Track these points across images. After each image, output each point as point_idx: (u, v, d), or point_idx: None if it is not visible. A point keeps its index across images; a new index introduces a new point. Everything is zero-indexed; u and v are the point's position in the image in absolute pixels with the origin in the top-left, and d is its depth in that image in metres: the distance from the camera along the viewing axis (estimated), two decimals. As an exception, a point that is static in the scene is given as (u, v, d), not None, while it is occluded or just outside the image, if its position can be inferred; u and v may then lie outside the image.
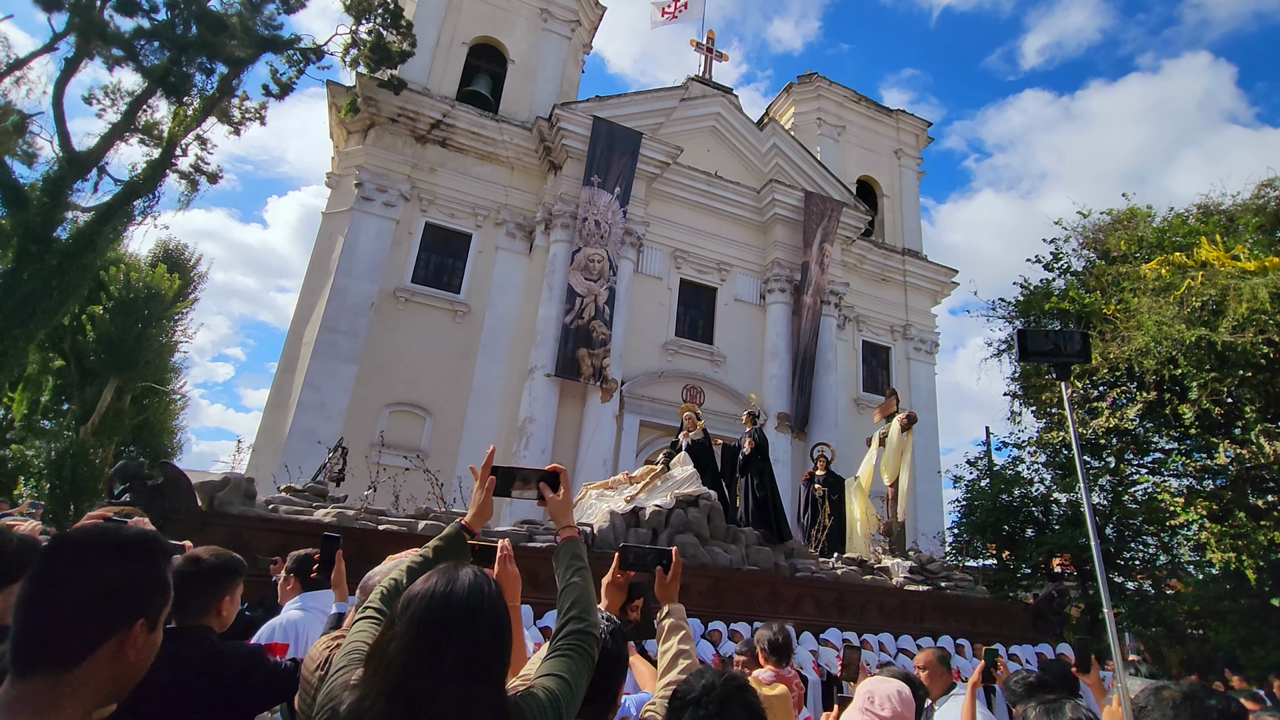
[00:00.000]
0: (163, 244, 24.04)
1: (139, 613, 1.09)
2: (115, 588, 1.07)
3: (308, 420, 13.96)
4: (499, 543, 2.17)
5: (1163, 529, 13.82)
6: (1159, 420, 13.31)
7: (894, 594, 8.88)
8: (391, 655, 1.09)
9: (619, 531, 7.82)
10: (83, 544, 1.09)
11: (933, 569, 9.79)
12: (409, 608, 1.13)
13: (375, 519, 7.12)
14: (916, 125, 24.56)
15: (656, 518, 8.06)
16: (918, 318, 21.97)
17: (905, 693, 2.36)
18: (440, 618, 1.10)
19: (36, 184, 13.44)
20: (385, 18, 15.63)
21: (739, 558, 8.27)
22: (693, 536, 8.03)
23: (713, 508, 8.51)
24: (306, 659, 1.98)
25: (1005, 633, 9.03)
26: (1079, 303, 14.34)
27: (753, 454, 10.26)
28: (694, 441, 9.94)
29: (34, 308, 12.66)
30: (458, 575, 1.19)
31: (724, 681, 1.57)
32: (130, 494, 5.78)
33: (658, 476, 8.83)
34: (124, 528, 1.19)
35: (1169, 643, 15.82)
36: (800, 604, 8.06)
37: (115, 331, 20.06)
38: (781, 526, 9.72)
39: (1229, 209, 14.03)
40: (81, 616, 1.03)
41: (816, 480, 11.47)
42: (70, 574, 1.05)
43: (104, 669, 1.05)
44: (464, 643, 1.10)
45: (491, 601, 1.18)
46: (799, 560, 9.06)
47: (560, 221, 16.81)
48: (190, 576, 2.19)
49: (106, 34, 13.63)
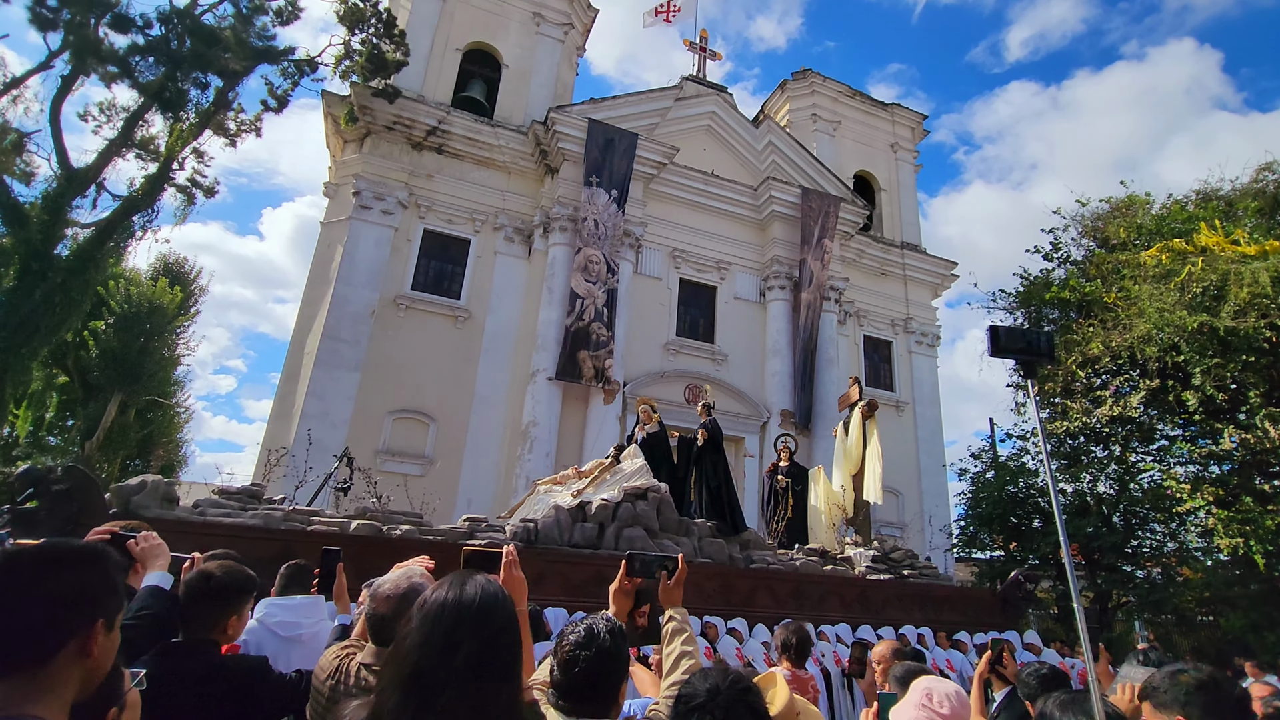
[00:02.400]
0: (163, 258, 24.12)
1: (96, 614, 1.19)
2: (71, 593, 1.17)
3: (313, 430, 13.96)
4: (504, 548, 2.18)
5: (1170, 516, 13.80)
6: (1163, 407, 13.29)
7: (854, 584, 8.67)
8: (406, 650, 1.14)
9: (563, 526, 7.61)
10: (37, 556, 1.20)
11: (896, 558, 9.60)
12: (423, 608, 1.19)
13: (305, 519, 6.94)
14: (912, 118, 24.53)
15: (603, 511, 7.86)
16: (919, 311, 21.94)
17: (962, 693, 2.36)
18: (453, 617, 1.15)
19: (36, 202, 13.49)
20: (378, 27, 15.66)
21: (690, 550, 8.03)
22: (641, 530, 7.83)
23: (662, 500, 8.28)
24: (317, 669, 1.99)
25: (971, 619, 8.87)
26: (1079, 291, 14.33)
27: (706, 445, 9.94)
28: (650, 435, 9.79)
29: (37, 324, 12.71)
30: (470, 580, 1.24)
31: (729, 685, 1.56)
32: (36, 499, 5.57)
33: (607, 470, 8.65)
34: (71, 541, 1.32)
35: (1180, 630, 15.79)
36: (754, 596, 7.85)
37: (118, 346, 20.12)
38: (736, 518, 9.48)
39: (1228, 194, 14.01)
40: (44, 619, 1.13)
41: (780, 472, 11.20)
42: (29, 582, 1.15)
43: (71, 665, 1.15)
44: (476, 642, 1.14)
45: (502, 604, 1.24)
46: (755, 552, 8.86)
47: (558, 224, 16.82)
48: (199, 593, 2.19)
49: (101, 51, 13.68)
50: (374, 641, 1.93)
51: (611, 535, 7.72)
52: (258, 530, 6.34)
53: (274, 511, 6.90)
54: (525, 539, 7.36)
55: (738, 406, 17.73)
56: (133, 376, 20.35)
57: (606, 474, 8.59)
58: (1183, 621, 15.25)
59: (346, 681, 1.86)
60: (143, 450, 22.95)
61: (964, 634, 8.18)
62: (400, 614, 1.90)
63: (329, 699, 1.86)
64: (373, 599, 1.96)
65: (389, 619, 1.90)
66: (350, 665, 1.90)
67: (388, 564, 2.31)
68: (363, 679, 1.85)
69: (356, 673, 1.87)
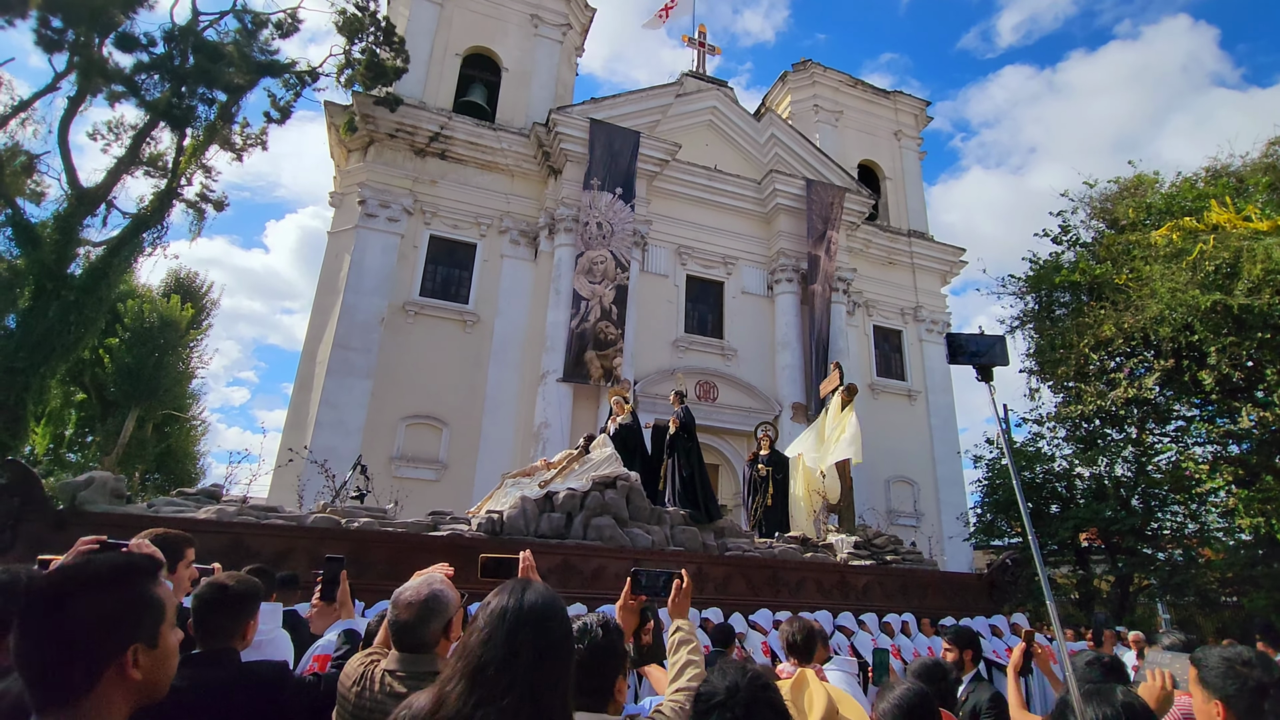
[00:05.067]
0: (173, 273, 24.37)
1: (129, 639, 1.13)
2: (95, 621, 1.11)
3: (326, 438, 14.08)
4: (521, 554, 2.21)
5: (1190, 497, 13.67)
6: (1179, 388, 13.17)
7: (833, 570, 8.49)
8: (472, 647, 1.23)
9: (529, 517, 7.46)
10: (58, 585, 1.13)
11: (879, 544, 9.40)
12: (489, 607, 1.29)
13: (261, 514, 6.80)
14: (915, 105, 24.38)
15: (570, 501, 7.71)
16: (928, 299, 21.81)
17: None
18: (514, 621, 1.25)
19: (47, 222, 13.67)
20: (377, 35, 15.74)
21: (662, 539, 7.92)
22: (610, 519, 7.69)
23: (632, 489, 8.11)
24: (342, 676, 2.02)
25: (958, 605, 8.71)
26: (1090, 274, 14.21)
27: (678, 433, 9.82)
28: (622, 425, 9.71)
29: (53, 343, 12.88)
30: (530, 587, 1.33)
31: (748, 682, 1.55)
32: None
33: (575, 460, 8.50)
34: (96, 559, 1.22)
35: (1203, 611, 15.66)
36: (729, 583, 7.71)
37: (133, 362, 20.35)
38: (710, 505, 9.36)
39: (1238, 170, 13.82)
40: (68, 656, 1.07)
41: (760, 460, 11.05)
42: (49, 617, 1.09)
43: (115, 691, 1.10)
44: (535, 648, 1.23)
45: (560, 614, 1.33)
46: (731, 540, 8.70)
47: (563, 225, 16.85)
48: (216, 605, 2.23)
49: (107, 71, 13.83)
50: (397, 648, 1.96)
51: (579, 525, 7.57)
52: (210, 524, 6.18)
53: (228, 507, 6.74)
54: (490, 531, 7.19)
55: (749, 401, 17.70)
56: (149, 391, 20.59)
57: (575, 464, 8.42)
58: (1206, 603, 15.11)
59: (372, 688, 1.89)
60: (161, 464, 23.22)
61: (949, 619, 7.96)
62: (423, 620, 1.93)
63: (355, 705, 1.89)
64: (394, 606, 1.99)
65: (412, 624, 1.93)
66: (375, 672, 1.93)
67: (353, 559, 2.31)
68: (388, 685, 1.87)
69: (381, 679, 1.90)
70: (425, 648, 1.95)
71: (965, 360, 2.53)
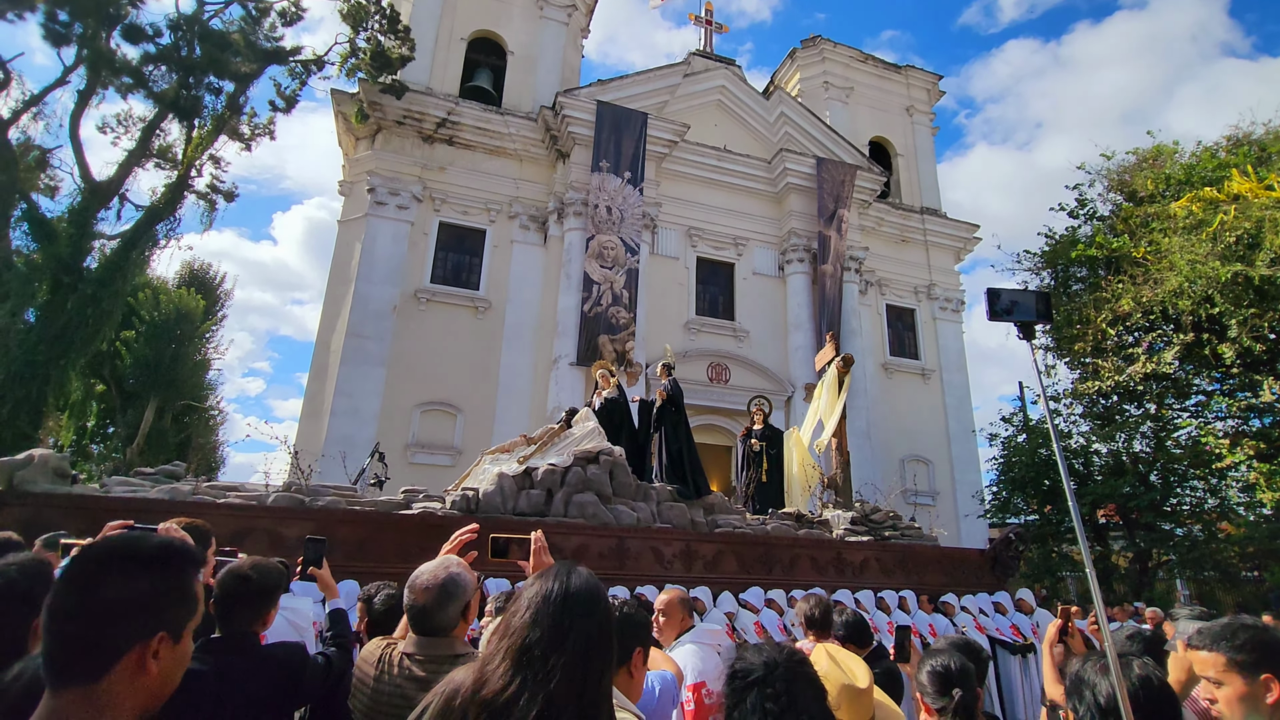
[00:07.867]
0: (187, 265, 24.57)
1: (158, 625, 1.09)
2: (132, 599, 1.08)
3: (343, 426, 14.21)
4: (533, 534, 2.21)
5: (1210, 472, 13.52)
6: (1198, 362, 12.99)
7: (828, 546, 8.23)
8: (516, 628, 1.22)
9: (507, 494, 7.17)
10: (101, 557, 1.11)
11: (877, 519, 9.13)
12: (533, 589, 1.28)
13: (220, 493, 6.54)
14: (927, 80, 23.94)
15: (550, 477, 7.39)
16: (941, 277, 21.57)
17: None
18: (562, 602, 1.24)
19: (62, 216, 13.80)
20: (382, 22, 15.63)
21: (648, 515, 7.64)
22: (593, 495, 7.39)
23: (615, 464, 7.82)
24: (359, 660, 2.05)
25: (958, 580, 8.48)
26: (1107, 248, 13.99)
27: (665, 406, 9.42)
28: (607, 400, 9.41)
29: (72, 337, 13.05)
30: (574, 571, 1.32)
31: (786, 658, 1.55)
32: None
33: (556, 435, 8.21)
34: (147, 538, 1.19)
35: (1223, 586, 15.54)
36: (720, 561, 7.50)
37: (150, 354, 20.61)
38: (699, 480, 9.00)
39: (1260, 138, 13.49)
40: (98, 629, 1.05)
41: (754, 435, 10.72)
42: (88, 587, 1.07)
43: (128, 681, 1.06)
44: (582, 633, 1.22)
45: (605, 599, 1.32)
46: (721, 516, 8.41)
47: (573, 209, 16.79)
48: (238, 595, 2.25)
49: (115, 63, 13.86)
50: (415, 631, 1.97)
51: (560, 501, 7.29)
52: (162, 504, 5.86)
53: (182, 487, 6.49)
54: (465, 508, 6.92)
55: (762, 382, 17.65)
56: (167, 382, 20.86)
57: (556, 439, 8.13)
58: (1226, 577, 15.00)
59: (390, 671, 1.91)
60: (181, 453, 23.56)
61: (951, 596, 7.79)
62: (440, 604, 1.93)
63: (374, 689, 1.91)
64: (410, 590, 1.99)
65: (429, 609, 1.94)
66: (393, 655, 1.95)
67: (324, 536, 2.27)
68: (406, 668, 1.89)
69: (400, 662, 1.91)
70: (443, 631, 1.95)
71: (1005, 317, 2.42)
